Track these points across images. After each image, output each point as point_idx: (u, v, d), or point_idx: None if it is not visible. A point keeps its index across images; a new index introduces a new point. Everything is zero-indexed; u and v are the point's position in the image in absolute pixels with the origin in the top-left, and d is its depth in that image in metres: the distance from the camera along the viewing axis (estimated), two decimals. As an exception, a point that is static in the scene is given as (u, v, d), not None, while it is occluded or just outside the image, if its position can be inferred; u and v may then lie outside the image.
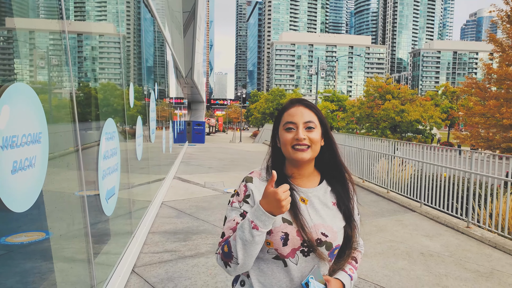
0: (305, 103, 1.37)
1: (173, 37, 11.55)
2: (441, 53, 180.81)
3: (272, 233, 1.28)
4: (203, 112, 37.09)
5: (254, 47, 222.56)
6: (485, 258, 4.57)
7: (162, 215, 6.00)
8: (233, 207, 1.35)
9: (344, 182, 1.42)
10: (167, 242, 4.75)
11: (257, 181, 1.37)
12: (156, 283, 3.58)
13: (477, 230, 5.51)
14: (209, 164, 12.47)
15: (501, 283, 3.87)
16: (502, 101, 17.09)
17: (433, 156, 6.91)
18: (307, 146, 1.31)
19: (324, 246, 1.30)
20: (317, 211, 1.34)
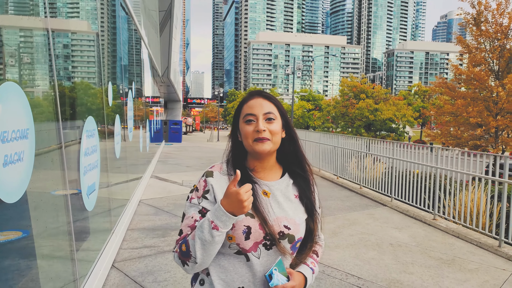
0: (264, 95, 1.35)
1: (150, 36, 11.54)
2: (414, 53, 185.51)
3: (234, 227, 1.25)
4: (179, 111, 36.87)
5: (231, 46, 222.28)
6: (449, 247, 4.88)
7: (140, 213, 6.07)
8: (192, 204, 1.31)
9: (305, 175, 1.42)
10: (146, 238, 4.84)
11: (218, 175, 1.34)
12: (135, 277, 3.68)
13: (443, 221, 5.84)
14: (186, 163, 12.52)
15: (461, 268, 4.16)
16: (469, 100, 17.80)
17: (402, 153, 7.23)
18: (268, 138, 1.29)
19: (287, 239, 1.29)
20: (280, 204, 1.33)
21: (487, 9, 17.55)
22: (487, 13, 17.57)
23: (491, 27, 17.49)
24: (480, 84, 18.02)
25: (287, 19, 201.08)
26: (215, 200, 1.28)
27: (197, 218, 1.28)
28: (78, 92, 3.14)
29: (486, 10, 17.61)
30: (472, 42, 18.28)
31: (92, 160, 3.19)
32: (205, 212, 1.28)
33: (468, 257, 4.52)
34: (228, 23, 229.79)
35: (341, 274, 3.91)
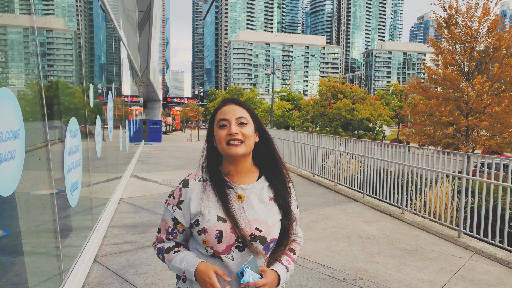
0: (236, 101, 1.44)
1: (129, 36, 11.60)
2: (392, 54, 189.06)
3: (207, 232, 1.33)
4: (159, 110, 36.71)
5: (211, 45, 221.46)
6: (413, 238, 5.22)
7: (121, 211, 6.21)
8: (168, 209, 1.43)
9: (281, 177, 1.48)
10: (126, 234, 5.01)
11: (193, 183, 1.41)
12: (117, 270, 3.86)
13: (410, 216, 6.20)
14: (166, 163, 12.64)
15: (423, 257, 4.50)
16: (441, 100, 18.47)
17: (375, 151, 7.58)
18: (241, 141, 1.36)
19: (258, 240, 1.36)
20: (253, 207, 1.39)
21: (457, 12, 18.21)
22: (458, 17, 18.24)
23: (461, 30, 18.18)
24: (451, 85, 18.71)
25: (267, 19, 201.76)
26: (189, 211, 1.38)
27: (171, 225, 1.42)
28: (61, 93, 3.30)
29: (456, 14, 18.28)
30: (444, 45, 18.96)
31: (75, 159, 3.36)
32: (176, 222, 1.41)
33: (430, 247, 4.87)
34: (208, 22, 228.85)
35: (312, 264, 4.18)
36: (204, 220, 1.34)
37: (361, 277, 3.89)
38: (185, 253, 1.38)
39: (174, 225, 1.41)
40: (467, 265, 4.31)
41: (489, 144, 18.31)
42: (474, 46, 18.21)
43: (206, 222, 1.34)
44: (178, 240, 1.45)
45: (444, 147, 18.62)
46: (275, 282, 1.37)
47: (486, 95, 17.60)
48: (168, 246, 1.43)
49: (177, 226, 1.41)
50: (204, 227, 1.34)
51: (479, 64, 18.49)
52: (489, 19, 17.58)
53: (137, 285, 3.54)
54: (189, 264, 1.33)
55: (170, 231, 1.43)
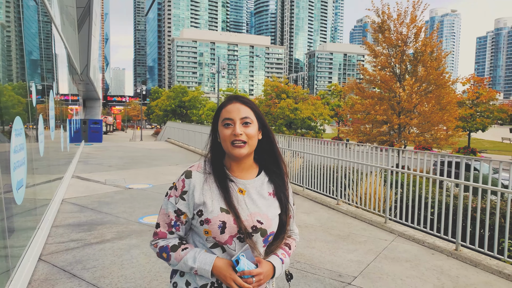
0: (242, 100, 1.46)
1: (68, 34, 11.25)
2: (334, 55, 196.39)
3: (211, 222, 1.36)
4: (99, 109, 35.39)
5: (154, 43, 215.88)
6: (346, 225, 5.75)
7: (64, 211, 6.14)
8: (169, 201, 1.43)
9: (280, 173, 1.52)
10: (72, 233, 5.02)
11: (196, 174, 1.44)
12: (64, 266, 3.92)
13: (344, 206, 6.76)
14: (108, 163, 12.40)
15: (354, 241, 5.01)
16: (376, 100, 19.77)
17: (313, 148, 8.10)
18: (244, 142, 1.40)
19: (259, 232, 1.40)
20: (254, 201, 1.43)
21: (389, 18, 19.55)
22: (390, 22, 19.59)
23: (393, 35, 19.54)
24: (385, 86, 20.05)
25: (211, 17, 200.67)
26: (193, 200, 1.40)
27: (173, 218, 1.42)
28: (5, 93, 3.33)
29: (389, 20, 19.62)
30: (377, 48, 20.28)
31: (20, 157, 3.40)
32: (180, 213, 1.41)
33: (361, 233, 5.41)
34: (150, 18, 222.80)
35: (254, 252, 4.50)
36: (208, 210, 1.37)
37: (299, 260, 4.29)
38: (195, 251, 1.39)
39: (177, 217, 1.42)
40: (390, 246, 4.87)
41: (418, 140, 19.91)
42: (404, 50, 19.66)
43: (210, 212, 1.36)
44: (181, 234, 1.45)
45: (379, 143, 19.92)
46: (270, 273, 1.40)
47: (415, 95, 19.10)
48: (174, 244, 1.42)
49: (181, 218, 1.42)
50: (208, 218, 1.36)
51: (409, 67, 20.01)
52: (416, 26, 19.07)
53: (85, 279, 3.65)
54: (204, 262, 1.34)
55: (173, 224, 1.42)
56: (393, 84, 19.55)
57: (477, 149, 36.60)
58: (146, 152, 16.63)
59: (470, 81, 38.51)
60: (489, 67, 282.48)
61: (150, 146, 20.96)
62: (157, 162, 12.83)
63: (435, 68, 18.90)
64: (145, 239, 4.83)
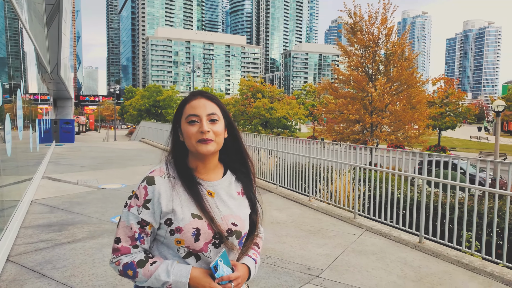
0: (207, 95, 1.37)
1: (36, 31, 10.99)
2: (309, 55, 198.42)
3: (183, 230, 1.26)
4: (71, 109, 34.59)
5: (128, 41, 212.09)
6: (317, 221, 5.90)
7: (34, 212, 6.04)
8: (131, 212, 1.29)
9: (247, 172, 1.47)
10: (41, 233, 4.96)
11: (160, 180, 1.32)
12: (34, 266, 3.89)
13: (316, 202, 6.92)
14: (81, 163, 12.19)
15: (323, 236, 5.16)
16: (349, 100, 20.18)
17: (286, 147, 8.24)
18: (212, 139, 1.31)
19: (235, 235, 1.34)
20: (225, 203, 1.36)
21: (361, 20, 19.98)
22: (362, 23, 20.02)
23: (365, 36, 19.97)
24: (358, 86, 20.47)
25: (187, 16, 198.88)
26: (159, 209, 1.28)
27: (136, 230, 1.28)
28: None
29: (360, 21, 20.05)
30: (350, 49, 20.70)
31: (-14, 157, 3.35)
32: (144, 224, 1.28)
33: (330, 228, 5.57)
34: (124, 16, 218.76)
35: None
36: (178, 218, 1.26)
37: (269, 255, 4.39)
38: (166, 263, 1.27)
39: (141, 228, 1.29)
40: (358, 240, 5.04)
41: (390, 139, 20.44)
42: (376, 51, 20.15)
43: (181, 220, 1.26)
44: (146, 247, 1.32)
45: (352, 142, 20.33)
46: (246, 275, 1.36)
47: (387, 95, 19.61)
48: (140, 259, 1.28)
49: (145, 229, 1.29)
50: (179, 226, 1.26)
51: (381, 67, 20.51)
52: (387, 27, 19.57)
53: (55, 278, 3.63)
54: (179, 275, 1.24)
55: (137, 237, 1.29)
56: (365, 84, 19.99)
57: (447, 147, 37.85)
58: (119, 152, 16.40)
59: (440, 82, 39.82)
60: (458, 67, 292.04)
61: (124, 146, 20.67)
62: (131, 162, 12.70)
63: (406, 69, 19.42)
64: (117, 238, 4.82)
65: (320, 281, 3.77)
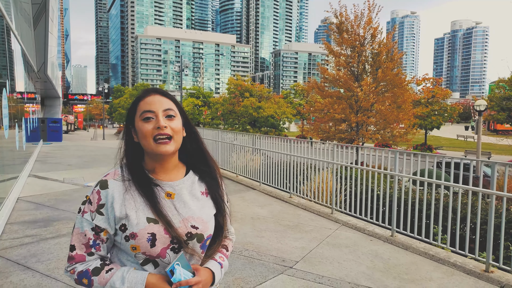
0: (161, 92, 1.31)
1: (23, 30, 11.04)
2: (299, 54, 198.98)
3: (137, 236, 1.20)
4: (59, 108, 34.36)
5: (117, 40, 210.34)
6: (296, 216, 6.13)
7: (20, 209, 6.16)
8: (84, 218, 1.23)
9: (211, 171, 1.40)
10: (27, 229, 5.10)
11: (113, 183, 1.26)
12: (18, 260, 4.04)
13: (296, 199, 7.15)
14: (68, 162, 12.26)
15: (301, 230, 5.39)
16: (335, 99, 20.50)
17: (269, 145, 8.45)
18: (170, 137, 1.25)
19: (195, 238, 1.27)
20: (186, 204, 1.29)
21: (347, 20, 20.28)
22: (347, 24, 20.32)
23: (350, 36, 20.28)
24: (344, 85, 20.78)
25: (176, 15, 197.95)
26: (113, 214, 1.23)
27: (91, 236, 1.23)
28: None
29: (346, 21, 20.35)
30: (336, 49, 21.00)
31: (-28, 154, 3.50)
32: (99, 230, 1.23)
33: (308, 223, 5.80)
34: (113, 15, 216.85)
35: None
36: (132, 224, 1.21)
37: (247, 248, 4.60)
38: (122, 270, 1.22)
39: (95, 235, 1.23)
40: (333, 234, 5.28)
41: (375, 137, 20.80)
42: (361, 51, 20.48)
43: (135, 225, 1.20)
44: (102, 253, 1.27)
45: (338, 141, 20.64)
46: (209, 280, 1.28)
47: (372, 94, 19.95)
48: (95, 267, 1.23)
49: (101, 235, 1.24)
50: (133, 232, 1.20)
51: (367, 67, 20.85)
52: (372, 27, 19.90)
53: (39, 271, 3.79)
54: (135, 282, 1.18)
55: (91, 244, 1.23)
56: (351, 84, 20.30)
57: (433, 146, 38.49)
58: (106, 151, 16.46)
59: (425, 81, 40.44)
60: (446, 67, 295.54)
61: (112, 145, 20.71)
62: (118, 161, 12.79)
63: (391, 69, 19.76)
64: (101, 234, 4.98)
65: (293, 271, 3.99)
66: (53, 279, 3.63)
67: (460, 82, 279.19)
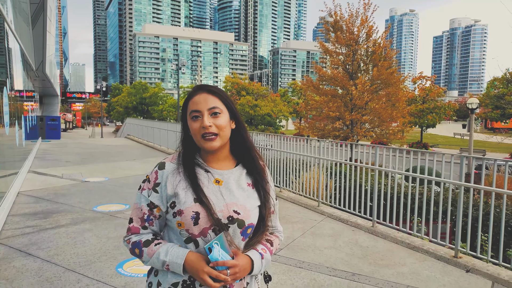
0: (208, 89, 1.39)
1: (21, 30, 11.29)
2: (297, 52, 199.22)
3: (183, 213, 1.30)
4: (57, 106, 34.59)
5: (115, 38, 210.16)
6: (284, 209, 6.43)
7: (20, 202, 6.45)
8: (142, 194, 1.37)
9: (256, 167, 1.46)
10: (27, 220, 5.39)
11: (170, 165, 1.38)
12: (20, 247, 4.33)
13: (286, 193, 7.46)
14: (66, 159, 12.54)
15: (288, 221, 5.69)
16: (330, 97, 20.78)
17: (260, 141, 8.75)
18: (215, 134, 1.34)
19: (236, 223, 1.33)
20: (231, 192, 1.37)
21: (341, 19, 20.55)
22: (342, 23, 20.58)
23: (345, 35, 20.54)
24: (339, 84, 21.05)
25: (174, 13, 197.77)
26: (166, 192, 1.34)
27: (146, 211, 1.36)
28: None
29: (341, 20, 20.61)
30: (331, 47, 21.26)
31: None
32: (153, 207, 1.35)
33: (295, 215, 6.11)
34: (111, 13, 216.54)
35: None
36: (181, 202, 1.31)
37: (235, 237, 4.90)
38: (168, 245, 1.33)
39: (150, 210, 1.36)
40: (317, 225, 5.59)
41: (369, 135, 21.11)
42: (356, 50, 20.76)
43: (183, 203, 1.31)
44: (155, 229, 1.40)
45: (333, 138, 20.93)
46: (247, 267, 1.32)
47: (367, 93, 20.24)
48: (147, 239, 1.36)
49: (154, 211, 1.36)
50: (181, 209, 1.30)
51: (362, 66, 21.13)
52: (367, 26, 20.17)
53: (40, 257, 4.08)
54: (176, 256, 1.29)
55: (146, 218, 1.37)
56: (346, 82, 20.59)
57: (429, 143, 38.80)
58: (104, 148, 16.73)
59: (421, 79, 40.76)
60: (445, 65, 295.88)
61: (109, 142, 20.98)
62: (115, 158, 13.08)
63: (385, 68, 20.02)
64: (98, 224, 5.28)
65: (276, 257, 4.29)
66: (53, 264, 3.92)
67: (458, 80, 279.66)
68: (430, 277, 3.90)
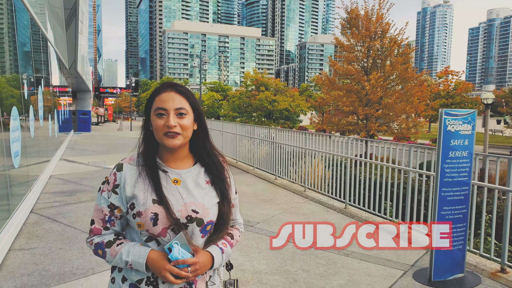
0: (177, 88, 1.38)
1: (56, 34, 12.62)
2: (324, 46, 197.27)
3: (142, 215, 1.31)
4: (89, 101, 36.63)
5: (145, 34, 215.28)
6: (274, 193, 7.32)
7: (51, 183, 7.65)
8: (102, 196, 1.38)
9: (216, 163, 1.48)
10: (56, 197, 6.54)
11: (128, 167, 1.39)
12: (49, 215, 5.45)
13: (280, 180, 8.33)
14: (92, 149, 13.89)
15: (273, 203, 6.58)
16: (344, 92, 21.31)
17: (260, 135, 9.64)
18: (178, 133, 1.34)
19: (195, 222, 1.35)
20: (189, 191, 1.39)
21: (358, 16, 20.99)
22: (358, 20, 21.02)
23: (361, 32, 20.98)
24: (354, 79, 21.54)
25: (202, 9, 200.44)
26: (125, 194, 1.35)
27: (106, 212, 1.37)
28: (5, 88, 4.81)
29: (357, 17, 21.05)
30: (346, 43, 21.74)
31: (16, 135, 4.90)
32: (113, 208, 1.37)
33: (282, 198, 6.99)
34: (142, 10, 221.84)
35: (192, 208, 6.06)
36: (139, 203, 1.33)
37: (222, 213, 5.84)
38: (129, 245, 1.35)
39: (110, 211, 1.38)
40: (298, 206, 6.45)
41: (383, 130, 21.52)
42: (371, 46, 21.17)
43: (141, 205, 1.32)
44: (117, 229, 1.41)
45: (347, 132, 21.49)
46: (207, 263, 1.36)
47: (380, 88, 20.65)
48: (109, 240, 1.38)
49: (115, 212, 1.38)
50: (139, 210, 1.32)
51: (376, 61, 21.51)
52: (382, 23, 20.52)
53: (63, 222, 5.18)
54: (138, 255, 1.31)
55: (107, 219, 1.38)
56: (361, 78, 21.04)
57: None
58: (128, 140, 18.11)
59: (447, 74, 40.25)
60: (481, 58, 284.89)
61: (133, 135, 22.38)
62: (137, 149, 14.30)
63: (400, 63, 20.36)
64: (112, 201, 6.36)
65: (252, 228, 5.20)
66: (73, 228, 4.99)
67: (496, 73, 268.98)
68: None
